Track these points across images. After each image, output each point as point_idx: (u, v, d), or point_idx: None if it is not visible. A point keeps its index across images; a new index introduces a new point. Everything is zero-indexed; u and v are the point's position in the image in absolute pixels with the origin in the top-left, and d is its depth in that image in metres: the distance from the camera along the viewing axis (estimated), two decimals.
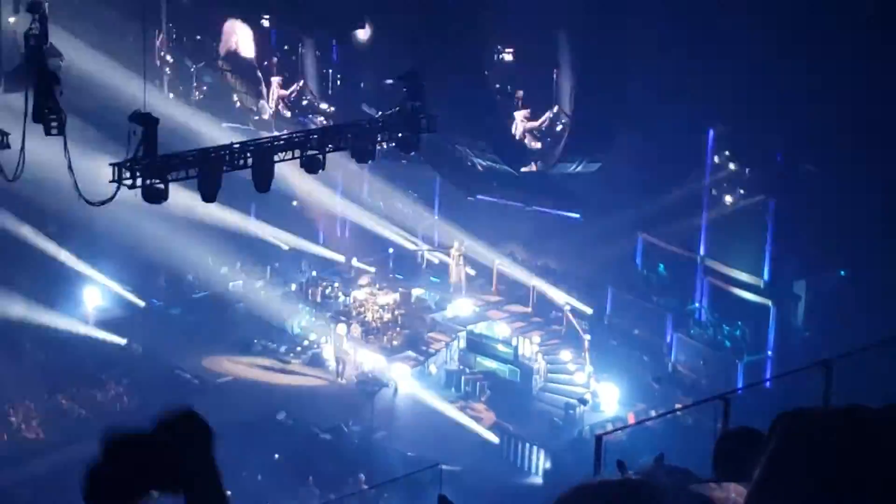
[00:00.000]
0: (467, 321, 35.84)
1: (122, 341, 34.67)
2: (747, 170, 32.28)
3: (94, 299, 36.82)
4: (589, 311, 35.10)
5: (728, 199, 32.91)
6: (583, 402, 32.16)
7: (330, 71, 37.46)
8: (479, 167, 34.24)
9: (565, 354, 34.18)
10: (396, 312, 36.09)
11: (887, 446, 2.74)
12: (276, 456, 29.25)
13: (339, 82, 37.17)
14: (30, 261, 35.37)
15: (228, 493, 3.48)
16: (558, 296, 35.51)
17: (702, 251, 33.35)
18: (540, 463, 30.29)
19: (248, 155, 22.02)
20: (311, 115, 36.83)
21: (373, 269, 38.80)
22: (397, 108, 24.44)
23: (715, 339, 32.58)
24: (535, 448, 30.54)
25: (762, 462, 2.84)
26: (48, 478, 27.21)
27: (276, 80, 37.91)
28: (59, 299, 35.46)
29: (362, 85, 36.34)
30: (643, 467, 5.27)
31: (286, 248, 39.55)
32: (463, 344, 35.17)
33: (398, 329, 35.62)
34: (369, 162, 25.05)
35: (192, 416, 3.25)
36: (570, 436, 30.81)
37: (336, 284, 38.37)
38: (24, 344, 33.31)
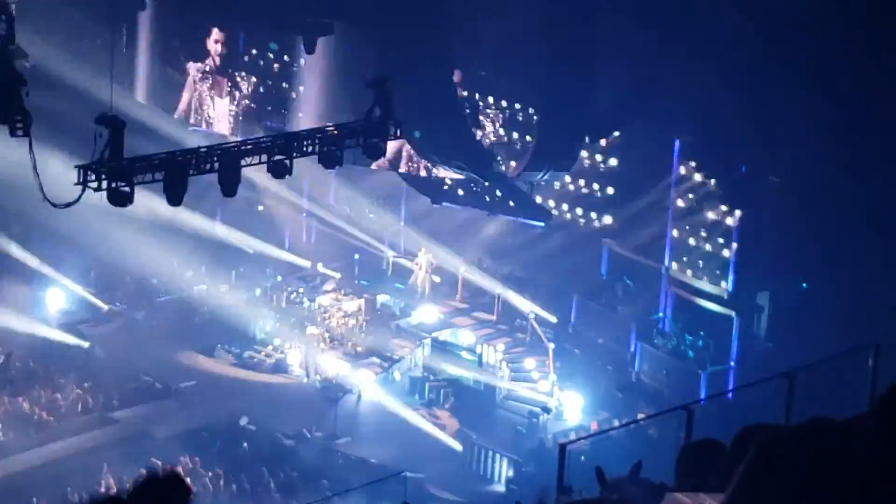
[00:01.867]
0: (432, 328, 35.86)
1: (85, 344, 34.48)
2: (712, 181, 32.42)
3: (58, 302, 36.63)
4: (553, 319, 35.20)
5: (693, 209, 33.02)
6: (546, 410, 32.22)
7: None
8: (446, 177, 34.28)
9: (529, 362, 34.25)
10: (361, 318, 36.07)
11: (855, 460, 2.78)
12: (239, 460, 29.17)
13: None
14: None
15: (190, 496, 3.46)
16: (523, 303, 35.60)
17: (666, 261, 33.47)
18: (503, 471, 30.31)
19: (215, 159, 21.94)
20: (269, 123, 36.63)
21: (338, 275, 38.78)
22: (365, 114, 24.44)
23: (678, 350, 32.71)
24: (498, 456, 30.56)
25: (736, 477, 2.87)
26: (8, 479, 27.07)
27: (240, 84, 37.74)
28: (21, 301, 35.24)
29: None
30: (617, 479, 5.30)
31: (251, 251, 39.40)
32: (427, 351, 35.20)
33: (363, 335, 35.61)
34: (336, 168, 25.01)
35: (177, 481, 3.20)
36: (534, 444, 30.86)
37: (301, 290, 38.31)
38: None
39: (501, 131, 34.74)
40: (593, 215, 35.86)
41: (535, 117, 34.04)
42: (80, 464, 27.45)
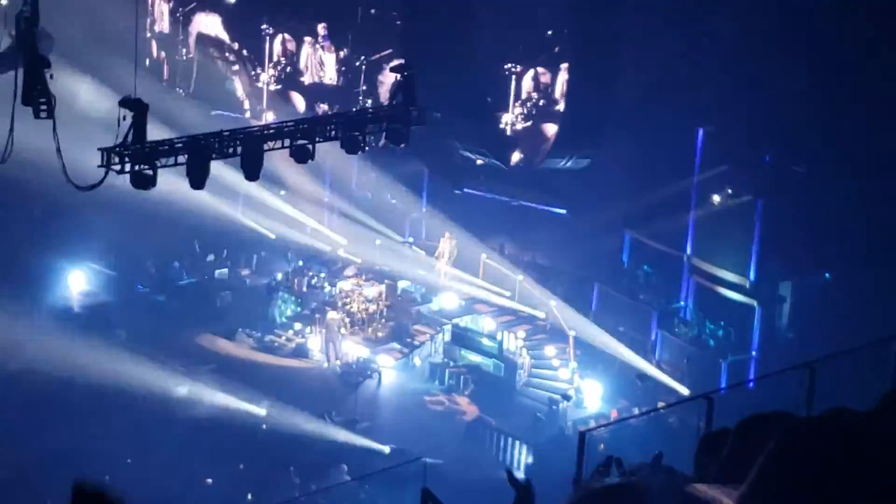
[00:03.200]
0: (453, 314, 35.86)
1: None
2: (736, 170, 32.30)
3: (80, 284, 36.75)
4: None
5: (716, 198, 32.93)
6: (566, 397, 32.20)
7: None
8: (468, 160, 34.25)
9: (550, 350, 34.21)
10: (382, 304, 36.08)
11: (876, 454, 2.75)
12: (259, 444, 29.24)
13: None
14: (14, 242, 35.27)
15: (209, 480, 3.46)
16: (544, 291, 35.56)
17: (688, 250, 33.38)
18: (522, 457, 30.32)
19: (238, 143, 21.96)
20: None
21: (359, 260, 38.79)
22: (389, 100, 24.45)
23: (699, 338, 32.63)
24: (517, 443, 30.56)
25: (755, 468, 2.85)
26: (26, 462, 27.19)
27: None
28: (43, 283, 35.37)
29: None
30: (638, 466, 5.28)
31: (273, 236, 39.44)
32: (448, 337, 35.20)
33: (383, 321, 35.63)
34: (358, 153, 25.00)
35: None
36: (553, 431, 30.84)
37: (322, 275, 38.34)
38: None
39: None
40: (616, 203, 35.75)
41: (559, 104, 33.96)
42: (99, 447, 27.53)
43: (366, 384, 33.18)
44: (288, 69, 37.73)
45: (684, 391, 31.07)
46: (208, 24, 38.89)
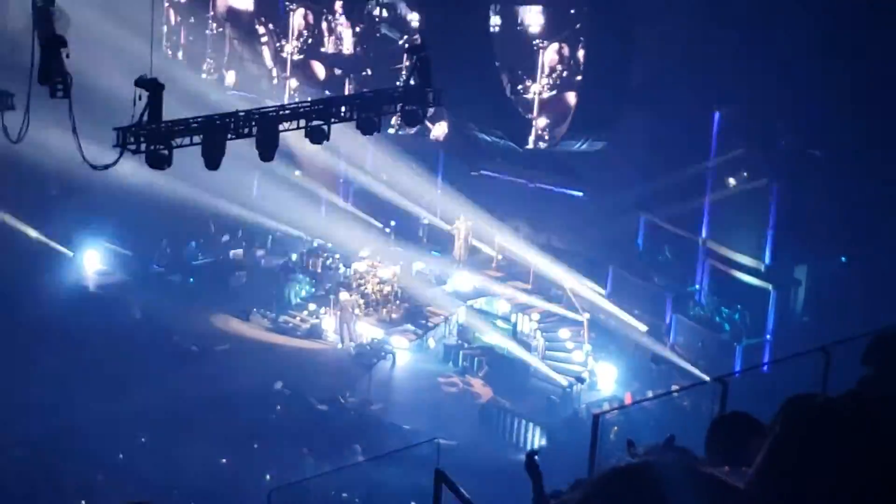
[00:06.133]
0: (467, 296, 35.85)
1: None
2: (752, 153, 32.20)
3: (95, 263, 36.82)
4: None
5: (731, 181, 32.82)
6: (580, 380, 32.20)
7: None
8: (484, 142, 34.20)
9: (564, 332, 34.19)
10: (396, 285, 36.09)
11: (887, 433, 2.74)
12: (272, 424, 29.27)
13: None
14: (30, 222, 35.38)
15: (224, 460, 3.44)
16: (559, 273, 35.50)
17: (704, 233, 33.30)
18: (536, 440, 30.34)
19: (253, 123, 21.96)
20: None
21: (374, 242, 38.73)
22: (404, 81, 24.44)
23: (714, 322, 32.57)
24: (531, 425, 30.58)
25: (765, 446, 2.84)
26: (43, 440, 27.29)
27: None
28: (58, 262, 35.45)
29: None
30: (652, 447, 5.28)
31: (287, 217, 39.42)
32: (462, 318, 35.19)
33: (397, 302, 35.64)
34: (374, 134, 24.98)
35: None
36: (567, 413, 30.85)
37: (336, 256, 38.36)
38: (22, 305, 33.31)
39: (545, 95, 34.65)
40: (631, 185, 35.68)
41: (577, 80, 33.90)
42: (115, 425, 27.62)
43: (380, 365, 33.20)
44: (310, 41, 38.95)
45: (699, 374, 31.03)
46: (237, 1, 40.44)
